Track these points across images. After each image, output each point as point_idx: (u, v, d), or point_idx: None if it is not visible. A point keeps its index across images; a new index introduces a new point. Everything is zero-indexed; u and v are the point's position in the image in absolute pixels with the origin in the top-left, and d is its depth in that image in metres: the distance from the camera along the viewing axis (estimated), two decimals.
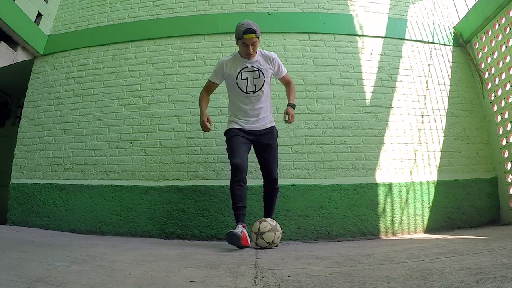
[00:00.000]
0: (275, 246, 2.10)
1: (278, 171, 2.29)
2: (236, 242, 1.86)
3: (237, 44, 2.21)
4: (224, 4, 3.29)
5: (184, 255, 1.61)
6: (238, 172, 2.05)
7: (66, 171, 2.93)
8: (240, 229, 1.93)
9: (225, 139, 2.27)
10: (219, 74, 2.28)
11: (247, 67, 2.21)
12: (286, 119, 2.22)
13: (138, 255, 1.57)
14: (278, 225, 2.11)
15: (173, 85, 3.04)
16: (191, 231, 2.60)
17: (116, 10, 3.43)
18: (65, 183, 2.87)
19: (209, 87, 2.35)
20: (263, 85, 2.21)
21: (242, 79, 2.20)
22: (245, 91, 2.20)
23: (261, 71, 2.22)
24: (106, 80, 3.15)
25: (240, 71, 2.20)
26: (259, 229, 2.03)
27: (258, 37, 2.13)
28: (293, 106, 2.28)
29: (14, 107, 4.55)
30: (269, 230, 2.03)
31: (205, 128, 2.24)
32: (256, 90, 2.21)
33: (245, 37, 2.08)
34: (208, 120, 2.24)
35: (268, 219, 2.11)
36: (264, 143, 2.24)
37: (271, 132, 2.27)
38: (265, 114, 2.27)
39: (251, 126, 2.23)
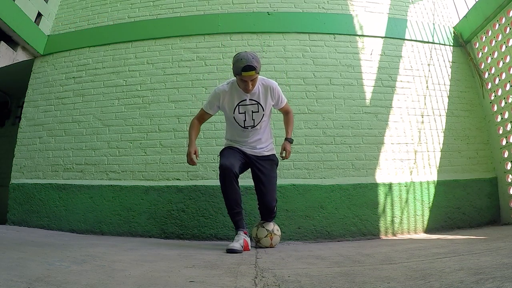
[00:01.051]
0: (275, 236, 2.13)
1: (278, 171, 2.25)
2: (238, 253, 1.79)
3: (234, 76, 2.00)
4: (224, 4, 3.29)
5: (184, 255, 1.61)
6: (227, 171, 1.89)
7: (66, 171, 2.93)
8: (241, 241, 1.85)
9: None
10: (215, 106, 2.09)
11: (245, 100, 2.02)
12: (283, 155, 2.11)
13: (138, 255, 1.57)
14: (276, 226, 2.17)
15: (173, 85, 3.04)
16: (191, 231, 2.60)
17: (116, 10, 3.43)
18: (65, 183, 2.87)
19: (202, 117, 2.16)
20: (262, 118, 2.05)
21: (239, 113, 2.03)
22: (243, 126, 2.05)
23: (261, 105, 2.03)
24: (106, 80, 3.15)
25: (237, 104, 2.02)
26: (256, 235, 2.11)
27: (258, 73, 1.91)
28: (290, 141, 2.15)
29: (14, 107, 4.55)
30: (265, 237, 2.09)
31: (190, 162, 2.01)
32: (255, 125, 2.05)
33: (244, 74, 1.86)
34: (195, 153, 2.03)
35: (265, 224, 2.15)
36: (260, 171, 2.08)
37: (269, 160, 2.12)
38: (264, 145, 2.13)
39: (246, 150, 2.10)
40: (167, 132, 2.91)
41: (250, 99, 2.03)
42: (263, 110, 2.04)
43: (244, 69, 1.85)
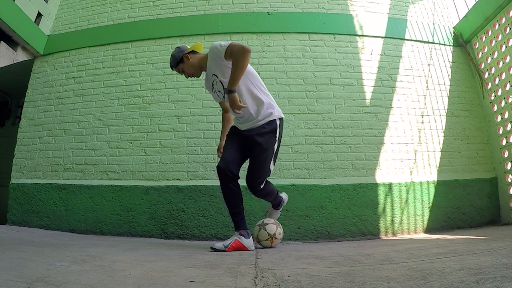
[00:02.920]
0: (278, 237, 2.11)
1: (274, 169, 2.18)
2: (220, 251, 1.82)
3: None
4: (224, 4, 3.29)
5: (184, 255, 1.61)
6: (222, 175, 1.90)
7: (66, 171, 2.93)
8: (228, 241, 1.85)
9: None
10: (211, 94, 2.18)
11: (211, 79, 2.05)
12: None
13: (138, 255, 1.57)
14: (279, 229, 2.13)
15: (173, 85, 3.04)
16: (191, 231, 2.60)
17: (116, 10, 3.44)
18: (65, 183, 2.87)
19: (221, 106, 2.27)
20: (223, 86, 1.96)
21: (214, 93, 2.09)
22: (221, 100, 2.12)
23: (215, 75, 1.98)
24: (106, 80, 3.16)
25: (212, 85, 2.06)
26: (257, 236, 2.09)
27: (178, 64, 2.01)
28: (227, 92, 1.81)
29: (14, 107, 4.55)
30: (266, 240, 2.07)
31: (218, 155, 2.22)
32: (223, 94, 2.02)
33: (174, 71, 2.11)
34: (219, 149, 2.21)
35: (268, 226, 2.11)
36: (253, 144, 1.96)
37: (261, 127, 1.94)
38: (252, 112, 1.93)
39: (242, 126, 2.03)
40: (167, 132, 2.91)
41: (212, 75, 2.01)
42: (218, 78, 1.96)
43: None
